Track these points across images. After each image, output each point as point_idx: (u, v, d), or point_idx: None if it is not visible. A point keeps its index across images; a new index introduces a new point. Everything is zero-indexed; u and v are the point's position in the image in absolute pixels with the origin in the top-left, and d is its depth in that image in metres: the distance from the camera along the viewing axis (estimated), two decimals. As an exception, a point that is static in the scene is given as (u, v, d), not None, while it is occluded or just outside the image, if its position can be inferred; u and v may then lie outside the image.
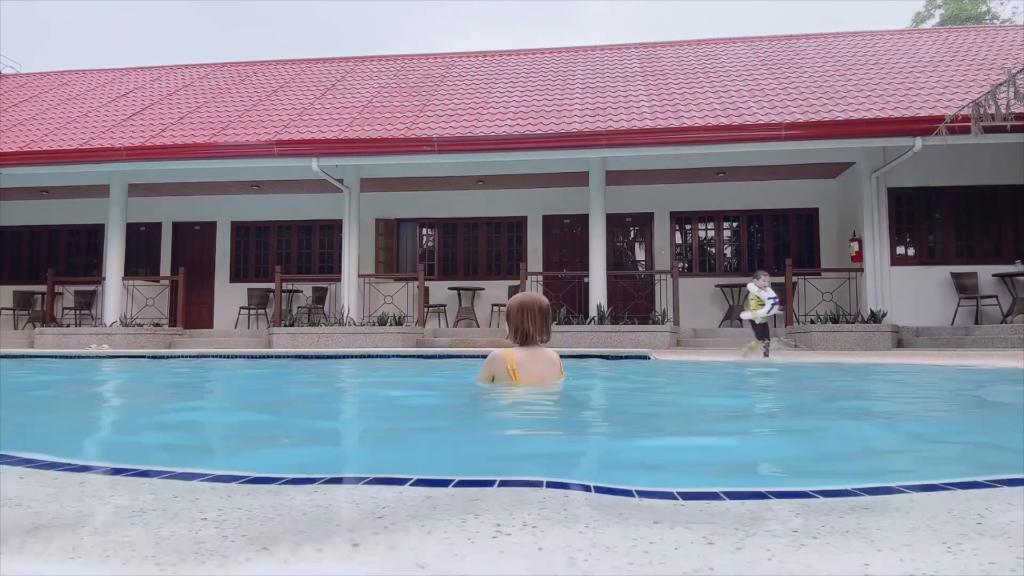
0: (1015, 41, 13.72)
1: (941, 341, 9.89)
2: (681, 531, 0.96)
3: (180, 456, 1.97)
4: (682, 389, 4.43)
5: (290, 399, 4.00)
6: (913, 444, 2.16)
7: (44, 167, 11.64)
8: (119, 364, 6.76)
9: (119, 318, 11.75)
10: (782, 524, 1.00)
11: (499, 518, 1.01)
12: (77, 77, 17.27)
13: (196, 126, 12.34)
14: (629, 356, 6.91)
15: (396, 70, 15.48)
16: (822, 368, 5.85)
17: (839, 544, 0.90)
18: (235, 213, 14.17)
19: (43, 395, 4.04)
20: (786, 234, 13.07)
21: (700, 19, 74.97)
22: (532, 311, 3.22)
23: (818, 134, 10.08)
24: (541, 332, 3.25)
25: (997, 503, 1.11)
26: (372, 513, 1.05)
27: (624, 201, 12.95)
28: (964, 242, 11.58)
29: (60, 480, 1.30)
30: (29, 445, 1.83)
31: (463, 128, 11.09)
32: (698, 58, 14.62)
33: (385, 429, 2.65)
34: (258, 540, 0.91)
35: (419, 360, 7.14)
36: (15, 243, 14.74)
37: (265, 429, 2.58)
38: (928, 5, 31.51)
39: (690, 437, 2.35)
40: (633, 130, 10.40)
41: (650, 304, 11.95)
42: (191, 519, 1.02)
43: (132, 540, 0.92)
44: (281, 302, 11.86)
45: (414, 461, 1.81)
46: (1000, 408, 3.30)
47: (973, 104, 8.42)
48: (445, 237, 13.89)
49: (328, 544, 0.91)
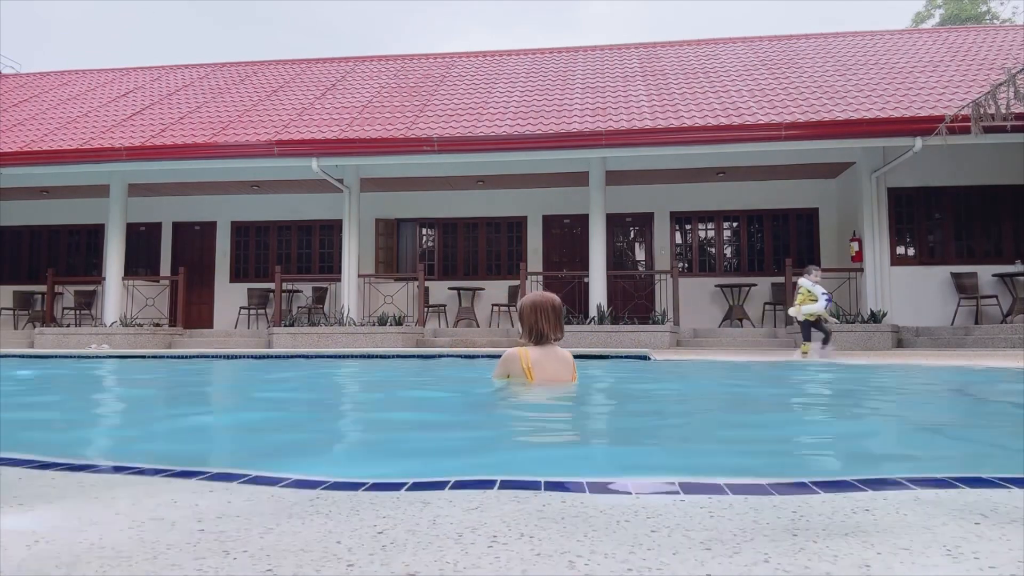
0: (1015, 41, 13.71)
1: (941, 341, 9.88)
2: (679, 536, 0.95)
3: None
4: (721, 391, 4.38)
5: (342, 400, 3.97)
6: (920, 443, 2.16)
7: (44, 167, 11.64)
8: (152, 367, 6.76)
9: (119, 318, 11.75)
10: (783, 524, 1.00)
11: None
12: (77, 77, 17.27)
13: (196, 126, 12.34)
14: (629, 356, 6.91)
15: (396, 70, 15.48)
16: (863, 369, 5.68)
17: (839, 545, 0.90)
18: (235, 213, 14.17)
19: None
20: (786, 234, 13.07)
21: (700, 19, 74.99)
22: (546, 310, 3.25)
23: (818, 134, 10.08)
24: (555, 330, 3.29)
25: (999, 504, 1.11)
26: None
27: (624, 201, 12.95)
28: (964, 242, 11.58)
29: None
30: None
31: (463, 128, 11.08)
32: (698, 58, 14.62)
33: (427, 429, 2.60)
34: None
35: (423, 360, 7.13)
36: (15, 243, 14.74)
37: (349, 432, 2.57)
38: (928, 5, 31.51)
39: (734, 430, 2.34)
40: (633, 130, 10.39)
41: (650, 304, 11.95)
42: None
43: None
44: (281, 302, 11.86)
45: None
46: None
47: (973, 104, 8.41)
48: (445, 237, 13.88)
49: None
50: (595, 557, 0.87)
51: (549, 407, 2.90)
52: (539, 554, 0.88)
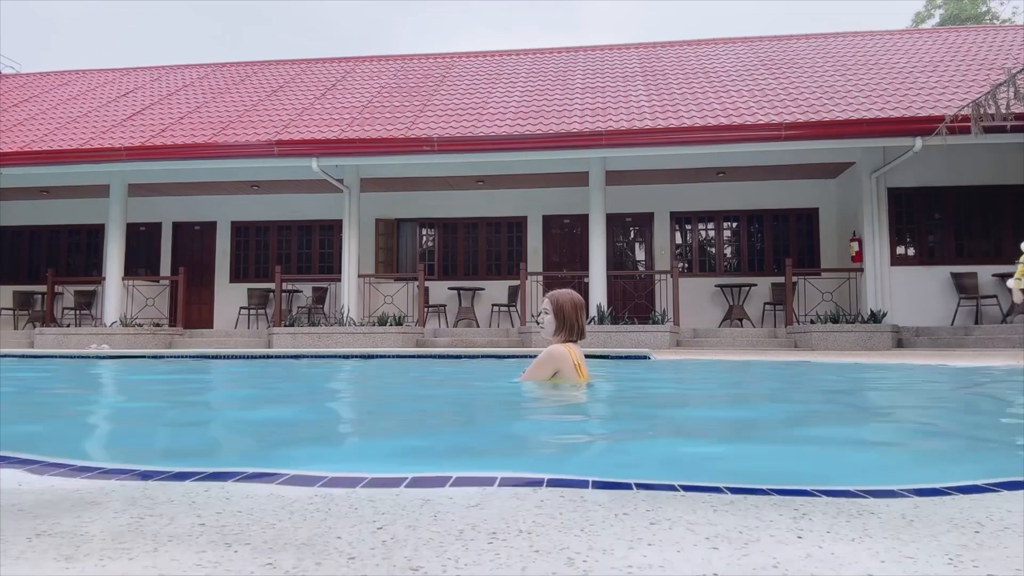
0: (1015, 41, 13.72)
1: (941, 341, 9.89)
2: (682, 531, 0.96)
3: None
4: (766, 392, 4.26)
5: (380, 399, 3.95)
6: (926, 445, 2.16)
7: (44, 167, 11.65)
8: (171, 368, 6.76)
9: (119, 318, 11.75)
10: (786, 528, 1.00)
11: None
12: (77, 77, 17.28)
13: (196, 126, 12.34)
14: (629, 356, 6.91)
15: (396, 70, 15.49)
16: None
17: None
18: (235, 213, 14.17)
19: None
20: (786, 234, 13.07)
21: (700, 19, 75.02)
22: (582, 307, 3.40)
23: (818, 134, 10.08)
24: (584, 328, 3.46)
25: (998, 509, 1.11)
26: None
27: (624, 201, 12.95)
28: (964, 242, 11.58)
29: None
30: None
31: (463, 128, 11.09)
32: (698, 58, 14.63)
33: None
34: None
35: (429, 360, 7.12)
36: (15, 243, 14.74)
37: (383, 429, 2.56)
38: (928, 5, 31.52)
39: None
40: (633, 130, 10.40)
41: (650, 304, 11.95)
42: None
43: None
44: (281, 302, 11.86)
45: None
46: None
47: (973, 104, 8.42)
48: (445, 237, 13.89)
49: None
50: (592, 553, 0.87)
51: (618, 406, 2.93)
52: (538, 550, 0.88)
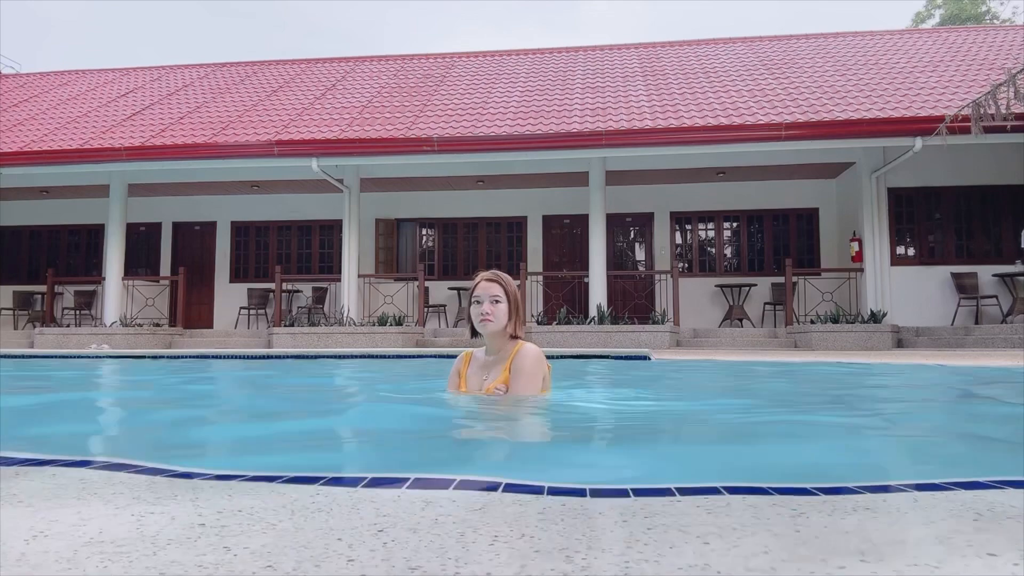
0: (1015, 41, 13.72)
1: (941, 341, 9.89)
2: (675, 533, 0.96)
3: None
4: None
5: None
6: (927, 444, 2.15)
7: (44, 167, 11.65)
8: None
9: (119, 318, 11.75)
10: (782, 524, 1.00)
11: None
12: (77, 77, 17.27)
13: (196, 126, 12.34)
14: (629, 356, 6.91)
15: (396, 70, 15.49)
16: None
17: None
18: (235, 213, 14.17)
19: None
20: (786, 234, 13.07)
21: (700, 19, 75.02)
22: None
23: (818, 134, 10.08)
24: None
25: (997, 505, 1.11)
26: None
27: (624, 201, 12.95)
28: (964, 242, 11.58)
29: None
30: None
31: (463, 128, 11.09)
32: (698, 58, 14.62)
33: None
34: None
35: (429, 360, 7.12)
36: (15, 243, 14.74)
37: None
38: (928, 5, 31.52)
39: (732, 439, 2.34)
40: (633, 130, 10.40)
41: (650, 304, 11.95)
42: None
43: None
44: (281, 302, 11.86)
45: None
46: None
47: (973, 104, 8.42)
48: (445, 237, 13.89)
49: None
50: (592, 552, 0.87)
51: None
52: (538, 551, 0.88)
